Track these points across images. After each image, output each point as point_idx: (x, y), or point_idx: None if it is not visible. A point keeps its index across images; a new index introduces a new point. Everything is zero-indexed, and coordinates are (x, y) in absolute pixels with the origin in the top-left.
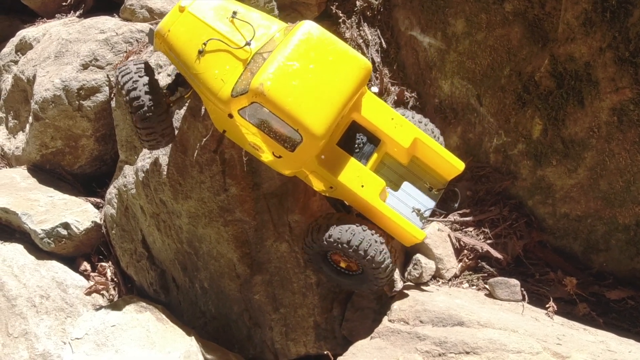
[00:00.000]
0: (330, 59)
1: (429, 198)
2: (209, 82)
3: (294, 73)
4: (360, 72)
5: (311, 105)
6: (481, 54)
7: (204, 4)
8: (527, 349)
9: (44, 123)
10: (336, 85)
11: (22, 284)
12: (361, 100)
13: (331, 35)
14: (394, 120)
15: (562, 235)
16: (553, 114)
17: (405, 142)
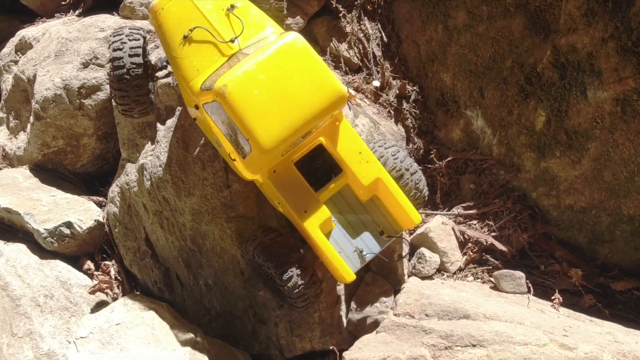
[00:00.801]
0: (303, 76)
1: (377, 242)
2: (186, 69)
3: (262, 81)
4: (331, 96)
5: (267, 118)
6: (483, 46)
7: None
8: (534, 341)
9: (45, 122)
10: (300, 103)
11: (25, 283)
12: (335, 126)
13: (314, 54)
14: (361, 155)
15: (566, 227)
16: (556, 105)
17: (366, 180)
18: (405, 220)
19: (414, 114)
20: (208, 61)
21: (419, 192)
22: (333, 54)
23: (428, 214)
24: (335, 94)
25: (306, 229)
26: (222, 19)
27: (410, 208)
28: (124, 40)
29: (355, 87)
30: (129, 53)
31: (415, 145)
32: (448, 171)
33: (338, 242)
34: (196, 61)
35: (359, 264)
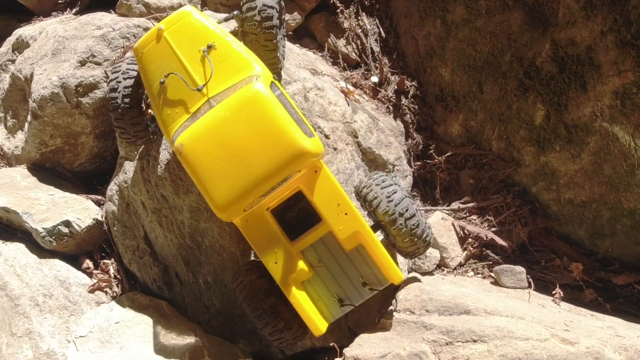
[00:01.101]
0: (262, 134)
1: (358, 294)
2: (162, 116)
3: (219, 140)
4: (289, 155)
5: (223, 178)
6: (481, 40)
7: (185, 28)
8: (535, 336)
9: (43, 121)
10: (257, 163)
11: (24, 283)
12: (313, 175)
13: (276, 109)
14: (339, 207)
15: (567, 222)
16: (555, 99)
17: (342, 233)
18: (389, 274)
19: (413, 110)
20: (181, 109)
21: (415, 238)
22: (331, 50)
23: (428, 210)
24: (293, 152)
25: (276, 281)
26: (197, 62)
27: (390, 265)
28: (120, 79)
29: (354, 83)
30: (123, 93)
31: (414, 141)
32: (447, 166)
33: (316, 290)
34: (171, 109)
35: (337, 314)
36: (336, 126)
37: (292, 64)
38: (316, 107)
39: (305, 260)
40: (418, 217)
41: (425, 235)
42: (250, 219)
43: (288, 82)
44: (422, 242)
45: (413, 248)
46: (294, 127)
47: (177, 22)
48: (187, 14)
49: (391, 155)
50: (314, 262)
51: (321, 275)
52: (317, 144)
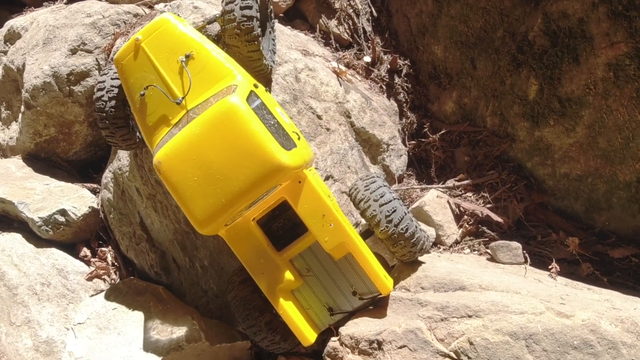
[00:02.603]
0: (239, 149)
1: (348, 302)
2: (143, 128)
3: (196, 156)
4: (266, 170)
5: (202, 194)
6: (473, 16)
7: (163, 37)
8: (530, 310)
9: (36, 111)
10: (234, 178)
11: (22, 272)
12: (297, 186)
13: (251, 122)
14: (324, 218)
15: (563, 196)
16: (548, 73)
17: (328, 244)
18: (378, 285)
19: (406, 88)
20: (162, 121)
21: (404, 240)
22: (323, 31)
23: (423, 188)
24: (270, 168)
25: (263, 292)
26: (176, 72)
27: (377, 277)
28: (105, 98)
29: (346, 63)
30: (108, 96)
31: (408, 120)
32: (442, 144)
33: (306, 299)
34: (152, 121)
35: (327, 322)
36: (328, 106)
37: (283, 45)
38: (308, 87)
39: (293, 270)
40: (407, 219)
41: (418, 239)
42: (235, 230)
43: (279, 64)
44: (416, 248)
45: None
46: (271, 142)
47: (154, 31)
48: (164, 22)
49: (385, 134)
50: (303, 270)
51: (310, 284)
52: (298, 156)
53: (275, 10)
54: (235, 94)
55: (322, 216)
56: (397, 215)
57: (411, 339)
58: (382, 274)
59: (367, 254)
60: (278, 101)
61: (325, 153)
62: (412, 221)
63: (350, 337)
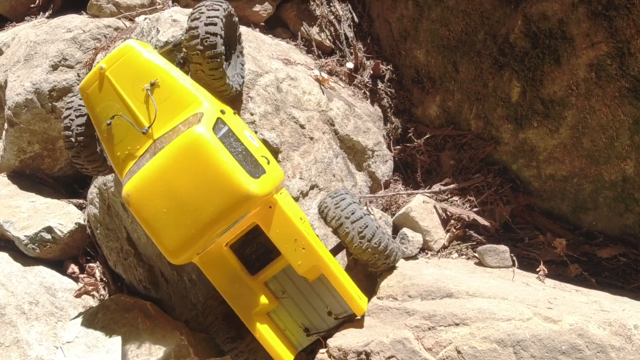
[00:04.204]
0: (206, 178)
1: (323, 322)
2: (112, 158)
3: (164, 187)
4: (235, 199)
5: (172, 226)
6: (454, 19)
7: (127, 65)
8: (517, 316)
9: (19, 128)
10: (203, 208)
11: (9, 292)
12: (268, 211)
13: (217, 152)
14: (296, 242)
15: (549, 197)
16: (530, 75)
17: (301, 268)
18: (351, 306)
19: (390, 94)
20: (130, 151)
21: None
22: (305, 38)
23: (409, 194)
24: (237, 198)
25: (239, 317)
26: (142, 101)
27: (350, 298)
28: (72, 117)
29: (329, 70)
30: (76, 132)
31: (392, 125)
32: (427, 149)
33: (282, 320)
34: (120, 151)
35: (304, 342)
36: (311, 115)
37: (264, 55)
38: (290, 97)
39: (268, 292)
40: (380, 233)
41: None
42: (208, 256)
43: (260, 74)
44: (391, 258)
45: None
46: (238, 171)
47: (118, 59)
48: (128, 49)
49: (370, 140)
50: (278, 293)
51: (286, 306)
52: (267, 183)
53: (256, 19)
54: (201, 123)
55: (294, 240)
56: (369, 230)
57: (399, 349)
58: (355, 295)
59: (340, 275)
60: (260, 112)
61: (310, 162)
62: (384, 234)
63: (338, 349)
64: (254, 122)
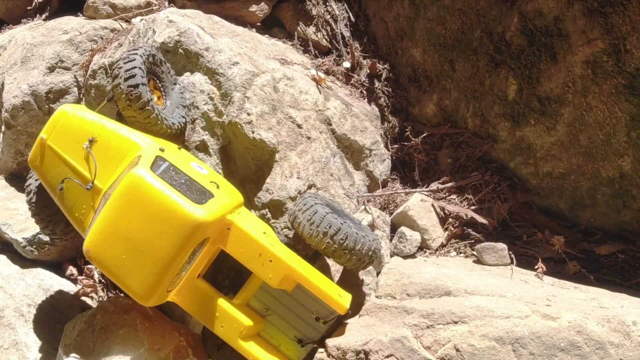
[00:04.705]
0: (154, 216)
1: (314, 329)
2: (72, 220)
3: (120, 233)
4: (184, 229)
5: (134, 269)
6: (450, 18)
7: (65, 129)
8: (516, 314)
9: (17, 130)
10: (159, 245)
11: (8, 294)
12: (226, 233)
13: (157, 189)
14: (261, 256)
15: (546, 195)
16: (527, 72)
17: (273, 281)
18: (333, 306)
19: (387, 93)
20: (86, 209)
21: (348, 251)
22: (301, 38)
23: (407, 192)
24: (187, 228)
25: (228, 343)
26: (84, 159)
27: (330, 299)
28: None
29: (326, 69)
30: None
31: (390, 124)
32: (425, 147)
33: (274, 338)
34: (77, 211)
35: (301, 354)
36: (308, 115)
37: (260, 55)
38: (287, 97)
39: (252, 313)
40: (345, 228)
41: (368, 248)
42: (183, 291)
43: (256, 74)
44: (364, 257)
45: (358, 264)
46: (180, 202)
47: (56, 126)
48: (63, 115)
49: (367, 140)
50: (262, 311)
51: (274, 322)
52: (216, 206)
53: (253, 19)
54: (139, 165)
55: (259, 255)
56: (317, 216)
57: (398, 348)
58: (334, 294)
59: (314, 278)
60: (257, 112)
61: (307, 162)
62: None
63: (337, 348)
64: (251, 122)
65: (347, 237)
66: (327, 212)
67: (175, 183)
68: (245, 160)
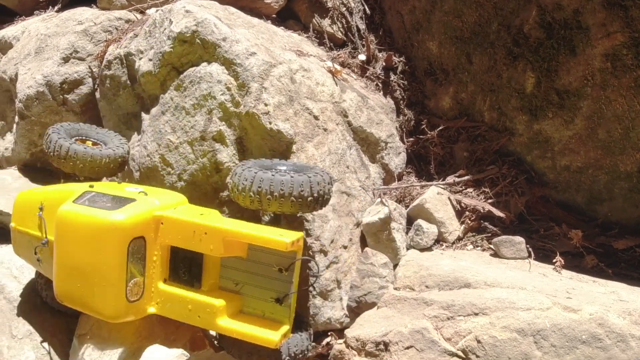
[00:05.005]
0: (83, 236)
1: (281, 282)
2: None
3: (66, 266)
4: (107, 232)
5: (92, 293)
6: (467, 11)
7: (22, 207)
8: (537, 305)
9: (30, 121)
10: (96, 259)
11: (22, 285)
12: (159, 227)
13: (76, 212)
14: (196, 233)
15: (564, 188)
16: (545, 66)
17: (216, 250)
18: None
19: (402, 85)
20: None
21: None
22: (316, 30)
23: (423, 185)
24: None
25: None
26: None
27: (270, 241)
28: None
29: (341, 62)
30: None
31: (405, 117)
32: (441, 141)
33: (255, 308)
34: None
35: (285, 313)
36: (325, 106)
37: (276, 46)
38: (303, 88)
39: (226, 293)
40: (261, 175)
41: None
42: (156, 300)
43: (273, 65)
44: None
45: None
46: (96, 214)
47: (16, 209)
48: (19, 197)
49: (383, 132)
50: (233, 287)
51: (249, 294)
52: (134, 208)
53: (268, 11)
54: (65, 203)
55: (193, 233)
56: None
57: (418, 339)
58: (274, 235)
59: (251, 230)
60: (274, 103)
61: (324, 153)
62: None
63: (356, 339)
64: (268, 112)
65: (262, 183)
66: (243, 169)
67: (96, 204)
68: (261, 151)
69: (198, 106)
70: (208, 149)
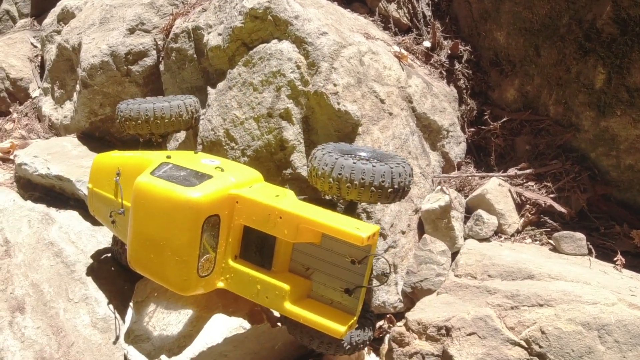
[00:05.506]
0: (159, 209)
1: (354, 273)
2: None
3: (142, 237)
4: (183, 209)
5: (164, 265)
6: (538, 3)
7: (99, 172)
8: (603, 301)
9: (93, 90)
10: (172, 233)
11: (79, 249)
12: (236, 207)
13: (155, 185)
14: (271, 217)
15: (626, 188)
16: (617, 62)
17: (290, 235)
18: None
19: (467, 75)
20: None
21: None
22: (382, 14)
23: (483, 176)
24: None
25: (277, 311)
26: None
27: (347, 234)
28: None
29: (406, 47)
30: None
31: (468, 107)
32: (503, 132)
33: (324, 295)
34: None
35: (354, 305)
36: (391, 91)
37: (345, 27)
38: (371, 71)
39: (295, 277)
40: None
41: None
42: (226, 275)
43: (343, 46)
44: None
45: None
46: (174, 190)
47: (93, 172)
48: (95, 162)
49: (445, 120)
50: (303, 271)
51: (319, 280)
52: (211, 185)
53: None
54: (142, 174)
55: (268, 216)
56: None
57: (480, 327)
58: (351, 228)
59: (328, 219)
60: (343, 84)
61: (388, 137)
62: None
63: (418, 323)
64: (337, 93)
65: (343, 170)
66: (323, 153)
67: (173, 177)
68: (327, 132)
69: (266, 83)
70: (274, 126)
